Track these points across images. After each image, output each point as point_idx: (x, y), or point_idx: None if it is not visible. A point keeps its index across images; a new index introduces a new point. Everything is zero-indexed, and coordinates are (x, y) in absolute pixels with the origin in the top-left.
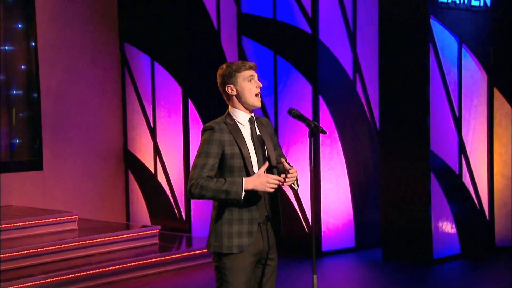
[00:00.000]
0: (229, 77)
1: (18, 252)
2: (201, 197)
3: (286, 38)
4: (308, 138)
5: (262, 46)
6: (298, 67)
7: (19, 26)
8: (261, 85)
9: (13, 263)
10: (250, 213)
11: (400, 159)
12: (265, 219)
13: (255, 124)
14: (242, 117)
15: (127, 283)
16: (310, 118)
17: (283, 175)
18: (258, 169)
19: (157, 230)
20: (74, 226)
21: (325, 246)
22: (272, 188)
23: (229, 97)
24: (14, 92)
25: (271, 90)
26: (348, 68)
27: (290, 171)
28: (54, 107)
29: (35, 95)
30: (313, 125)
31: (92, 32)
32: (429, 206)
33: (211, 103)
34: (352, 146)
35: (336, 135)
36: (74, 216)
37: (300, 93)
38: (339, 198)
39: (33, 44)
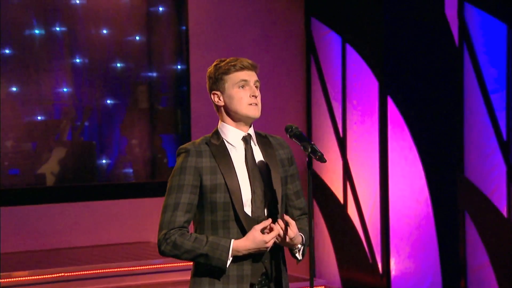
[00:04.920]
0: (216, 81)
1: None
2: (174, 256)
3: None
4: None
5: (492, 17)
6: None
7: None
8: (257, 94)
9: None
10: (240, 269)
11: None
12: (263, 277)
13: (254, 144)
14: (232, 135)
15: None
16: None
17: (279, 228)
18: (252, 208)
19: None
20: None
21: None
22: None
23: (217, 108)
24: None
25: (502, 82)
26: None
27: (291, 224)
28: (208, 108)
29: (185, 91)
30: (309, 149)
31: (263, 3)
32: None
33: (422, 103)
34: None
35: None
36: None
37: None
38: None
39: (184, 28)
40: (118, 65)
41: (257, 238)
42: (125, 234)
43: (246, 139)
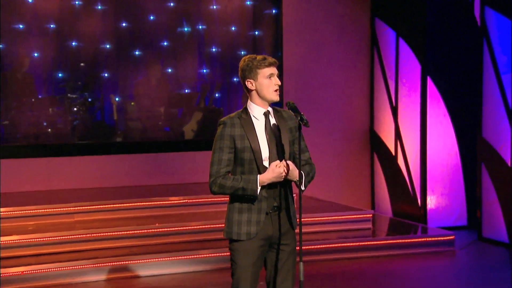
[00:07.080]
0: (250, 72)
1: None
2: (221, 193)
3: None
4: None
5: (504, 17)
6: None
7: (273, 11)
8: (279, 83)
9: None
10: (259, 204)
11: None
12: (275, 209)
13: (271, 117)
14: (257, 111)
15: (332, 263)
16: None
17: (285, 164)
18: (269, 161)
19: (370, 215)
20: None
21: None
22: (285, 172)
23: (249, 90)
24: None
25: (509, 66)
26: None
27: (291, 163)
28: (296, 84)
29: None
30: (299, 118)
31: (339, 5)
32: None
33: (455, 80)
34: None
35: None
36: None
37: None
38: None
39: (280, 25)
40: (242, 52)
41: (275, 169)
42: None
43: (266, 114)
